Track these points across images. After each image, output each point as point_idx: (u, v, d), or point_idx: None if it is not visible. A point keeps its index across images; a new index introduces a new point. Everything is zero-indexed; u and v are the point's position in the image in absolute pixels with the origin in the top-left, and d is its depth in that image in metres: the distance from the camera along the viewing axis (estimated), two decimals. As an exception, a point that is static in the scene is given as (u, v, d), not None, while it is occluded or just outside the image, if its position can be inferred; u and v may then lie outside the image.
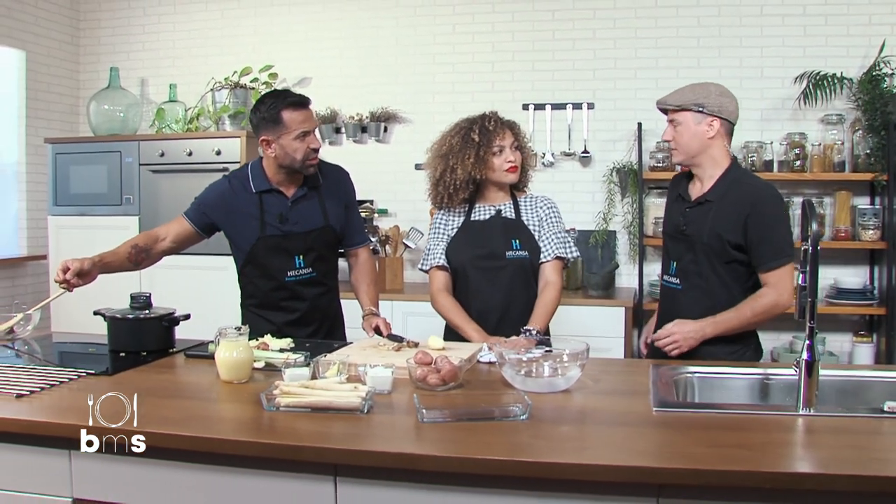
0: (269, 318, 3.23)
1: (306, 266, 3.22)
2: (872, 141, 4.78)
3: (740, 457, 1.83)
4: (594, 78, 5.28)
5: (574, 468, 1.78)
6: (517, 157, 3.19)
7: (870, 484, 1.71)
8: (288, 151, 3.08)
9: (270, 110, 3.06)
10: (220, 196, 3.20)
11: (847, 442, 1.97)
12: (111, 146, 5.31)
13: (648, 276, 5.13)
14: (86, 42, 6.12)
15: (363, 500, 1.93)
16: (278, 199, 3.19)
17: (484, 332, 3.05)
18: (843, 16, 4.99)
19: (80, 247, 5.22)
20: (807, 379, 2.21)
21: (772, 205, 2.84)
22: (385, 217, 5.52)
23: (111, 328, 2.94)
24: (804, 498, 1.74)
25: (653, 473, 1.77)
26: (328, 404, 2.14)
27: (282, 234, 3.17)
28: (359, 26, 5.65)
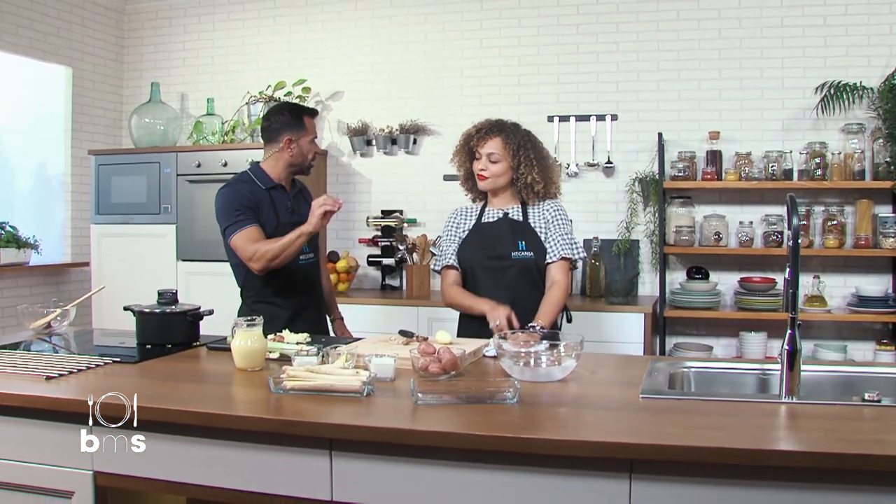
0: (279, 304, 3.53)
1: (310, 251, 3.65)
2: (893, 149, 4.81)
3: (711, 436, 1.93)
4: (617, 90, 5.39)
5: (549, 443, 1.90)
6: (493, 168, 3.36)
7: (831, 460, 1.79)
8: (304, 151, 3.57)
9: (294, 116, 3.57)
10: (242, 194, 3.47)
11: (821, 425, 2.05)
12: (150, 157, 5.54)
13: (671, 284, 5.22)
14: (129, 59, 6.39)
15: (357, 473, 2.06)
16: (283, 194, 3.60)
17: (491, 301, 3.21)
18: (864, 26, 5.04)
19: (121, 254, 5.52)
20: (788, 368, 2.30)
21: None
22: (413, 227, 5.67)
23: (139, 322, 3.11)
24: (771, 474, 1.83)
25: (624, 449, 1.88)
26: (330, 387, 2.28)
27: (292, 222, 3.48)
28: (389, 41, 5.84)
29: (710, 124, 5.15)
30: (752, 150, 5.03)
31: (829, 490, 1.81)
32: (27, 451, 2.36)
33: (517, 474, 1.96)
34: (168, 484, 2.24)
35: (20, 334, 3.35)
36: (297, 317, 3.52)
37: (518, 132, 3.42)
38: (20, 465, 2.36)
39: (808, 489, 1.82)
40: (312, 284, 3.69)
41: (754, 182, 4.97)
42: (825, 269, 5.03)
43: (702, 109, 5.24)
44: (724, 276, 5.19)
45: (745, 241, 5.03)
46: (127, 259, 5.53)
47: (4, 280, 5.33)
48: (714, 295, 4.99)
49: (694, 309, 4.95)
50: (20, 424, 2.35)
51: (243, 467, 2.16)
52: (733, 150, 5.09)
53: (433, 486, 2.02)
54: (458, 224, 3.49)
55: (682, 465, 1.87)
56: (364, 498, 2.07)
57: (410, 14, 5.79)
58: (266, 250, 3.34)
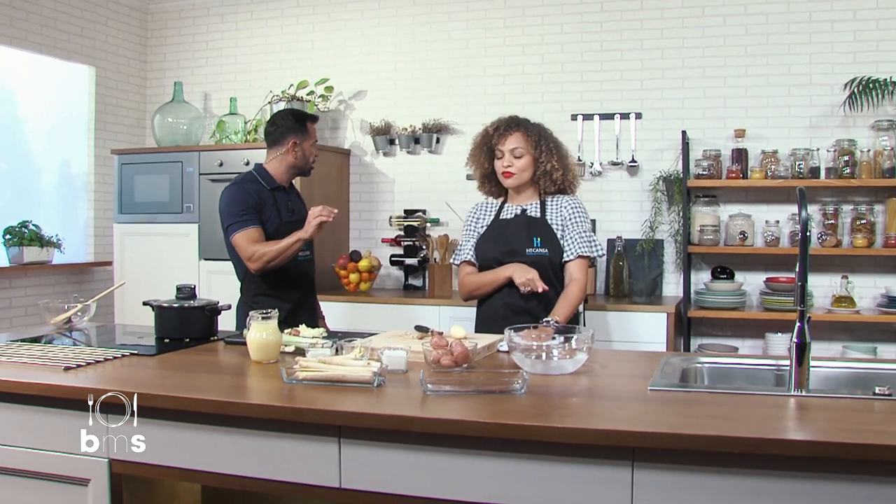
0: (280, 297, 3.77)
1: (306, 249, 3.91)
2: (924, 146, 4.81)
3: (714, 425, 2.00)
4: (642, 88, 5.44)
5: (552, 431, 1.98)
6: (517, 163, 3.43)
7: (831, 449, 1.84)
8: (306, 154, 3.89)
9: (299, 121, 3.89)
10: (247, 194, 3.74)
11: (827, 416, 2.12)
12: (173, 157, 5.67)
13: (695, 284, 5.25)
14: (152, 59, 6.54)
15: (365, 461, 2.15)
16: (284, 195, 3.89)
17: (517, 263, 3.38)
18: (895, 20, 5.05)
19: (144, 253, 5.64)
20: (797, 361, 2.35)
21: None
22: (437, 226, 5.75)
23: (158, 316, 3.22)
24: (773, 463, 1.88)
25: (626, 437, 1.94)
26: (341, 377, 2.37)
27: (292, 221, 3.81)
28: (412, 41, 5.93)
29: (735, 122, 5.18)
30: (778, 148, 5.05)
31: (830, 480, 1.86)
32: (43, 439, 2.47)
33: (521, 462, 2.03)
34: (181, 471, 2.34)
35: (41, 329, 3.47)
36: (297, 310, 3.84)
37: (533, 124, 3.53)
38: (37, 453, 2.47)
39: (810, 479, 1.87)
40: (310, 280, 4.01)
41: (780, 180, 4.99)
42: (854, 269, 5.04)
43: (727, 107, 5.27)
44: (749, 276, 5.22)
45: (772, 241, 5.06)
46: (149, 258, 5.66)
47: (28, 279, 5.48)
48: (739, 295, 5.02)
49: (719, 309, 4.98)
50: (37, 413, 2.46)
51: (254, 455, 2.25)
52: (759, 148, 5.12)
53: (439, 474, 2.09)
54: (477, 219, 3.58)
55: (684, 454, 1.93)
56: (372, 485, 2.15)
57: (434, 12, 5.88)
58: (264, 252, 3.61)
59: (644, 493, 1.95)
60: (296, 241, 3.60)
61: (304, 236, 3.59)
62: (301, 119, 3.89)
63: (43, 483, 2.47)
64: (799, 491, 1.87)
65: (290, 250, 3.62)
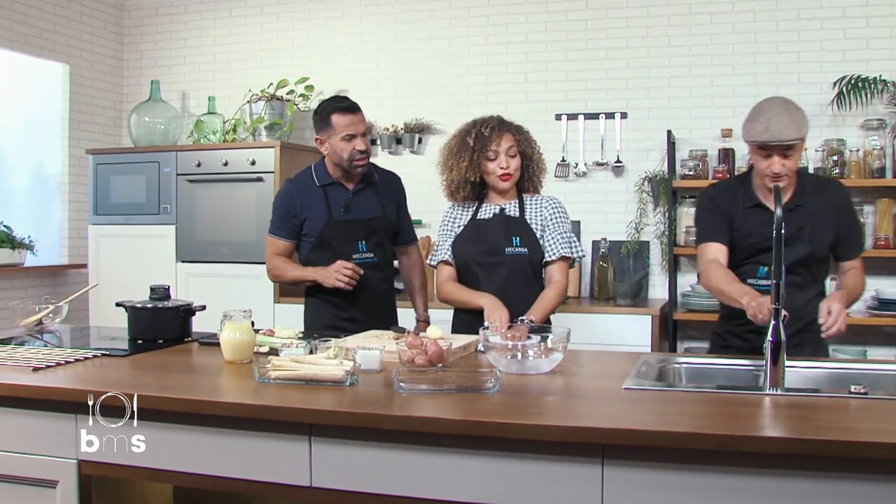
0: (334, 303, 3.66)
1: (368, 251, 3.72)
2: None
3: (686, 422, 2.06)
4: (627, 87, 5.51)
5: (522, 427, 2.03)
6: (513, 163, 3.43)
7: (800, 446, 1.90)
8: (336, 151, 3.61)
9: (323, 113, 3.65)
10: (290, 197, 3.71)
11: (800, 414, 2.17)
12: (150, 157, 5.71)
13: (682, 286, 5.32)
14: (129, 56, 6.59)
15: (336, 459, 2.20)
16: (340, 191, 3.71)
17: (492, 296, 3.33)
18: (887, 17, 5.10)
19: (119, 255, 5.68)
20: (773, 360, 2.41)
21: (848, 197, 3.28)
22: (419, 227, 5.79)
23: (131, 317, 3.27)
24: (743, 459, 1.93)
25: (596, 433, 2.00)
26: (314, 376, 2.42)
27: (346, 220, 3.68)
28: (394, 39, 5.99)
29: (722, 122, 5.25)
30: (765, 149, 5.11)
31: (802, 477, 1.91)
32: (11, 440, 2.51)
33: (493, 460, 2.08)
34: (152, 471, 2.39)
35: (11, 331, 3.50)
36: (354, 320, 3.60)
37: (515, 124, 3.56)
38: (3, 455, 2.51)
39: (782, 476, 1.92)
40: (368, 290, 3.68)
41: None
42: (842, 270, 5.10)
43: (714, 106, 5.34)
44: (737, 278, 5.27)
45: (760, 243, 5.11)
46: (125, 260, 5.69)
47: (-1, 281, 5.52)
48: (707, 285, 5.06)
49: (705, 312, 5.02)
50: (3, 414, 2.50)
51: (225, 454, 2.30)
52: (746, 148, 5.14)
53: (410, 472, 2.15)
54: (453, 219, 3.59)
55: (654, 451, 1.98)
56: (342, 484, 2.20)
57: (416, 10, 5.94)
58: (279, 274, 3.73)
59: (614, 490, 2.00)
60: (307, 279, 3.62)
61: (318, 280, 3.56)
62: (325, 111, 3.63)
63: (10, 486, 2.51)
64: (770, 488, 1.93)
65: (300, 282, 3.68)
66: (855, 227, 3.28)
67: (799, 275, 3.13)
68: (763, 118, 3.02)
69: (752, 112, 3.11)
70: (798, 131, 2.97)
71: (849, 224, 3.21)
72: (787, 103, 3.06)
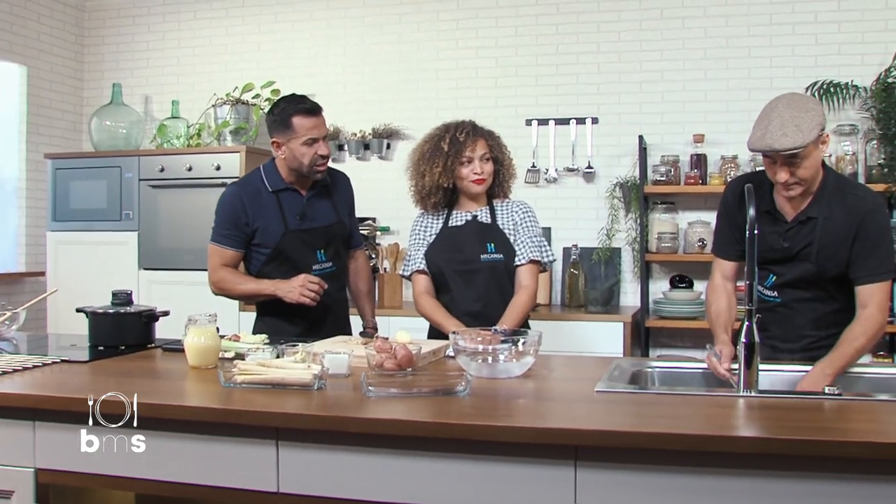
0: (289, 318, 3.52)
1: (327, 260, 3.61)
2: (887, 151, 4.93)
3: (658, 424, 2.08)
4: (598, 92, 5.55)
5: (492, 430, 2.04)
6: (486, 168, 3.44)
7: (774, 445, 1.92)
8: (296, 155, 3.46)
9: (282, 114, 3.47)
10: (240, 203, 3.52)
11: (774, 415, 2.20)
12: (111, 161, 5.67)
13: (654, 293, 5.35)
14: (90, 59, 6.54)
15: (303, 464, 2.19)
16: (294, 197, 3.57)
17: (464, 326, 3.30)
18: (857, 22, 5.18)
19: (79, 262, 5.63)
20: (746, 361, 2.43)
21: (880, 216, 2.88)
22: (387, 234, 5.81)
23: (92, 323, 3.23)
24: (716, 460, 1.95)
25: (568, 435, 2.01)
26: (281, 380, 2.42)
27: (303, 229, 3.55)
28: (362, 43, 6.00)
29: (694, 127, 5.30)
30: (738, 154, 5.16)
31: (775, 477, 1.93)
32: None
33: (464, 463, 2.08)
34: (112, 479, 2.37)
35: (-35, 339, 3.46)
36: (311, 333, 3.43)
37: (487, 129, 3.56)
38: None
39: (754, 476, 1.94)
40: (328, 302, 3.56)
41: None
42: (816, 277, 5.15)
43: (686, 111, 5.40)
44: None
45: (732, 249, 5.15)
46: (85, 268, 5.64)
47: (-48, 290, 5.45)
48: (699, 304, 5.10)
49: (678, 319, 5.08)
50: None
51: (189, 460, 2.28)
52: (719, 153, 5.23)
53: (380, 476, 2.14)
54: (425, 227, 3.57)
55: (627, 452, 2.00)
56: (310, 489, 2.20)
57: (384, 14, 5.95)
58: (228, 287, 3.54)
59: (587, 492, 2.01)
60: (262, 294, 3.47)
61: (278, 295, 3.40)
62: (285, 113, 3.45)
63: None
64: (744, 488, 1.94)
65: (253, 298, 3.57)
66: (874, 249, 2.82)
67: (808, 290, 2.94)
68: (763, 122, 2.75)
69: (760, 113, 2.80)
70: (801, 138, 2.66)
71: (867, 242, 2.81)
72: (794, 103, 2.75)
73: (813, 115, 2.72)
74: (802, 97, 2.84)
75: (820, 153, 2.80)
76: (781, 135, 2.68)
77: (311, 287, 3.37)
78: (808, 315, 2.98)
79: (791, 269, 2.94)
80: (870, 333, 2.78)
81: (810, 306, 2.98)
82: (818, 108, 2.77)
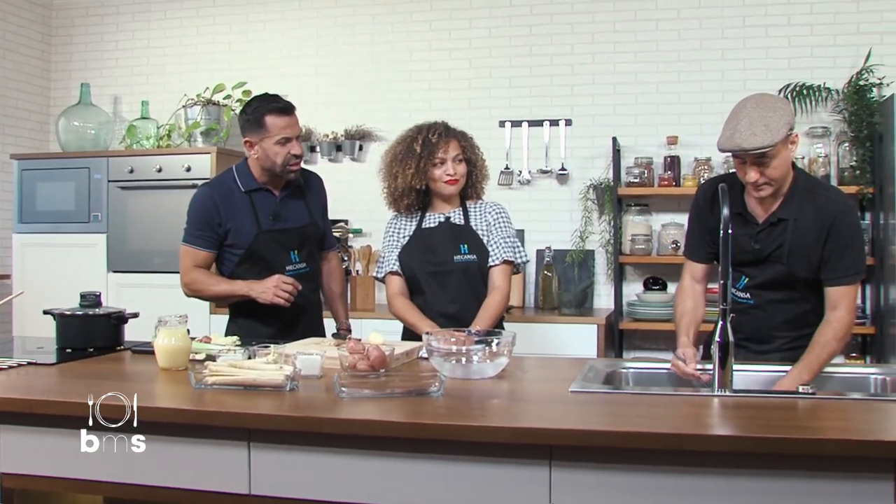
0: (263, 319, 3.50)
1: (301, 261, 3.59)
2: (859, 153, 4.97)
3: (633, 423, 2.09)
4: (572, 94, 5.57)
5: (467, 430, 2.04)
6: (459, 169, 3.45)
7: (749, 444, 1.94)
8: (269, 155, 3.44)
9: (255, 113, 3.45)
10: (212, 203, 3.49)
11: (748, 414, 2.22)
12: (79, 162, 5.62)
13: (627, 295, 5.37)
14: (57, 58, 6.48)
15: (276, 465, 2.19)
16: (267, 197, 3.55)
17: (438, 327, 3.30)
18: (830, 25, 5.23)
19: (47, 265, 5.57)
20: (721, 361, 2.45)
21: (851, 217, 2.90)
22: (360, 237, 5.80)
23: (60, 325, 3.21)
24: (691, 459, 1.96)
25: (543, 434, 2.02)
26: (253, 381, 2.41)
27: (277, 229, 3.53)
28: (334, 43, 5.99)
29: (668, 129, 5.33)
30: (711, 156, 5.18)
31: (750, 476, 1.95)
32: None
33: (438, 463, 2.09)
34: (79, 482, 2.34)
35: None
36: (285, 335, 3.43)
37: (459, 130, 3.57)
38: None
39: (730, 475, 1.96)
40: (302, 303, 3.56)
41: (713, 189, 5.12)
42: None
43: (660, 114, 5.42)
44: (683, 287, 5.34)
45: (705, 251, 5.18)
46: (53, 271, 5.58)
47: (-86, 293, 5.39)
48: (672, 307, 5.13)
49: (652, 321, 5.10)
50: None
51: (160, 463, 2.27)
52: (692, 155, 5.26)
53: (353, 478, 2.14)
54: (398, 229, 3.57)
55: (602, 452, 2.01)
56: (282, 491, 2.19)
57: (357, 14, 5.94)
58: (200, 288, 3.51)
59: (562, 492, 2.02)
60: (237, 294, 3.44)
61: (252, 296, 3.38)
62: (258, 112, 3.44)
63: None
64: (719, 487, 1.96)
65: (227, 300, 3.53)
66: (845, 251, 2.84)
67: (780, 291, 2.97)
68: (732, 122, 2.77)
69: (730, 114, 2.83)
70: (769, 137, 2.68)
71: (837, 244, 2.84)
72: (762, 103, 2.77)
73: (781, 114, 2.74)
74: (771, 97, 2.87)
75: (789, 153, 2.82)
76: (750, 134, 2.70)
77: (285, 288, 3.36)
78: (781, 316, 3.00)
79: (763, 271, 2.96)
80: (841, 335, 2.81)
81: (783, 307, 3.00)
82: (787, 108, 2.79)
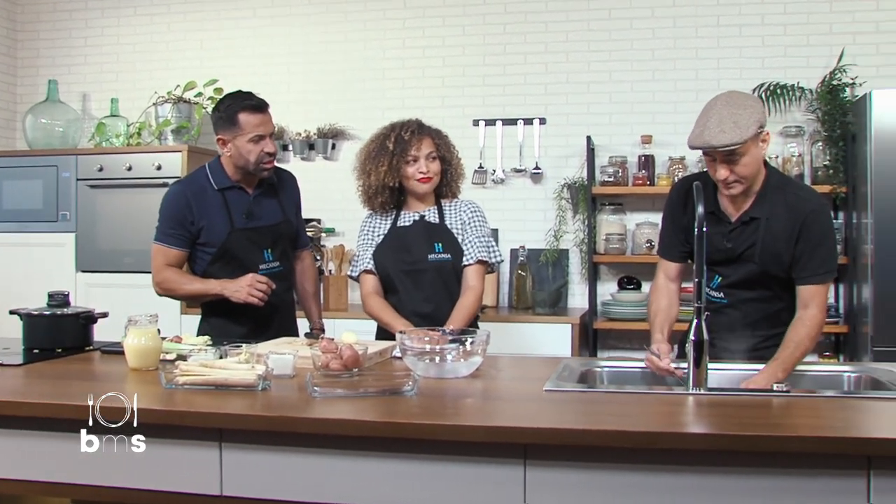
0: (236, 318, 3.49)
1: (274, 260, 3.60)
2: (832, 153, 5.02)
3: (608, 422, 2.09)
4: (546, 92, 5.58)
5: (441, 428, 2.04)
6: (433, 167, 3.45)
7: (723, 442, 1.96)
8: (242, 153, 3.43)
9: (228, 111, 3.44)
10: (185, 201, 3.48)
11: (723, 412, 2.24)
12: (47, 160, 5.57)
13: (602, 295, 5.39)
14: (23, 54, 6.42)
15: (248, 466, 2.17)
16: (241, 196, 3.55)
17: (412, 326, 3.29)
18: (803, 25, 5.28)
19: (13, 265, 5.51)
20: (695, 359, 2.46)
21: (823, 216, 2.92)
22: (332, 236, 5.78)
23: (27, 326, 3.17)
24: (666, 457, 1.97)
25: (517, 433, 2.02)
26: (224, 381, 2.39)
27: (250, 227, 3.53)
28: (307, 41, 5.96)
29: (642, 128, 5.35)
30: (685, 155, 5.20)
31: (724, 473, 1.96)
32: None
33: (411, 463, 2.08)
34: (48, 485, 2.32)
35: None
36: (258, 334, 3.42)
37: (434, 128, 3.57)
38: None
39: (704, 473, 1.97)
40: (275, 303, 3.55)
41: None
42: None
43: (634, 112, 5.44)
44: (657, 286, 5.36)
45: (679, 250, 5.21)
46: (20, 270, 5.52)
47: None
48: (647, 306, 5.15)
49: (626, 321, 5.11)
50: None
51: (129, 464, 2.24)
52: (667, 154, 5.28)
53: (326, 478, 2.13)
54: (373, 228, 3.56)
55: (576, 451, 2.01)
56: (255, 492, 2.18)
57: (329, 12, 5.92)
58: (173, 287, 3.50)
59: (537, 491, 2.02)
60: (209, 293, 3.42)
61: (225, 295, 3.37)
62: (231, 109, 3.43)
63: None
64: (694, 485, 1.97)
65: (200, 299, 3.52)
66: (816, 249, 2.86)
67: (753, 290, 2.99)
68: (703, 120, 2.80)
69: (701, 111, 2.86)
70: (738, 134, 2.69)
71: (809, 243, 2.85)
72: (732, 101, 2.79)
73: (751, 112, 2.76)
74: (741, 95, 2.89)
75: (760, 151, 2.83)
76: (719, 131, 2.72)
77: (258, 287, 3.35)
78: (755, 315, 3.02)
79: (736, 270, 2.98)
80: (813, 334, 2.83)
81: (756, 306, 3.02)
82: (757, 106, 2.82)
